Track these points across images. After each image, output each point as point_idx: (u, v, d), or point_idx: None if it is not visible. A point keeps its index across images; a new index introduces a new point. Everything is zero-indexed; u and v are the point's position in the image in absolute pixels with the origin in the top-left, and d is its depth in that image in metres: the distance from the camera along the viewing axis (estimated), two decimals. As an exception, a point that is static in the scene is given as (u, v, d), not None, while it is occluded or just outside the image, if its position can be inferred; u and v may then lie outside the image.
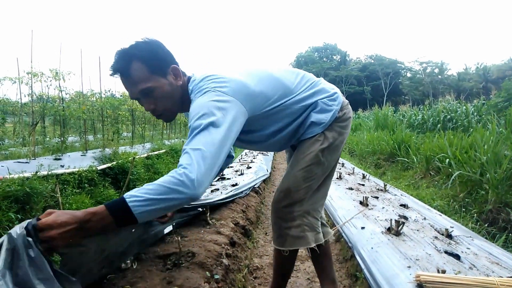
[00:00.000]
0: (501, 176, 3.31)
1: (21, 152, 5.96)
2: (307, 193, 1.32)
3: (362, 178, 4.32)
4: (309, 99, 1.34)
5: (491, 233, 2.87)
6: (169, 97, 1.21)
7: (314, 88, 1.37)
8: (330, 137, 1.33)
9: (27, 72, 6.04)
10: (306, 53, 53.72)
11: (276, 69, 1.38)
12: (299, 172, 1.32)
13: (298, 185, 1.31)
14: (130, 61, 1.13)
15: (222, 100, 1.09)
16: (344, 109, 1.39)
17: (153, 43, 1.19)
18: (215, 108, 1.06)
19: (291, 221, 1.31)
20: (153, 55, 1.16)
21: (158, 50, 1.19)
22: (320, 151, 1.31)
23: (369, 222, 2.34)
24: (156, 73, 1.16)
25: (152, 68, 1.15)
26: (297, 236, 1.30)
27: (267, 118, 1.30)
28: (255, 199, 3.35)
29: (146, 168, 6.26)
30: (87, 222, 0.92)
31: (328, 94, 1.37)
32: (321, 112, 1.33)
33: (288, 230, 1.31)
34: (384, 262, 1.66)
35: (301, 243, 1.31)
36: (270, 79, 1.30)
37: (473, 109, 8.38)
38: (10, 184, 3.20)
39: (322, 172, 1.35)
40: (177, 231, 1.85)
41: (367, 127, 12.93)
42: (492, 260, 1.71)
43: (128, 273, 1.30)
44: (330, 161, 1.36)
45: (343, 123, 1.37)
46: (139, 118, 10.94)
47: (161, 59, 1.18)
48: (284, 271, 1.47)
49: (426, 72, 42.42)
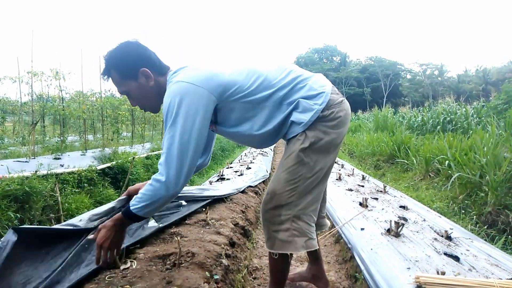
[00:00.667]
0: (500, 178, 3.32)
1: (20, 151, 5.96)
2: (292, 196, 1.27)
3: (362, 179, 4.32)
4: (291, 97, 1.30)
5: (490, 235, 2.87)
6: (144, 96, 1.35)
7: (299, 85, 1.32)
8: (311, 137, 1.27)
9: (27, 71, 6.05)
10: (306, 54, 53.80)
11: (264, 65, 1.39)
12: (283, 174, 1.29)
13: (282, 187, 1.28)
14: (109, 70, 1.30)
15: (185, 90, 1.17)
16: (333, 108, 1.30)
17: (123, 51, 1.30)
18: (178, 100, 1.16)
19: (279, 225, 1.28)
20: (123, 63, 1.29)
21: (128, 57, 1.29)
22: (301, 150, 1.27)
23: (369, 223, 2.34)
24: (127, 78, 1.30)
25: (123, 75, 1.30)
26: (285, 240, 1.27)
27: (250, 110, 1.30)
28: (254, 199, 3.35)
29: (146, 168, 6.26)
30: (116, 226, 1.26)
31: (313, 94, 1.30)
32: (302, 111, 1.29)
33: (276, 233, 1.29)
34: (384, 263, 1.66)
35: (289, 248, 1.28)
36: (249, 71, 1.32)
37: (472, 111, 8.39)
38: (10, 183, 3.21)
39: (308, 173, 1.28)
40: (177, 231, 1.85)
41: (366, 128, 12.94)
42: (492, 262, 1.71)
43: (127, 272, 1.30)
44: (316, 162, 1.29)
45: (330, 123, 1.29)
46: (139, 118, 10.95)
47: (130, 66, 1.29)
48: (278, 273, 1.43)
49: (426, 74, 42.46)
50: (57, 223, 3.57)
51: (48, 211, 3.53)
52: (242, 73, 1.31)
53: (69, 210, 3.84)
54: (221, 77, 1.24)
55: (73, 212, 3.87)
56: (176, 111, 1.15)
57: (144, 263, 1.39)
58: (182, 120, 1.15)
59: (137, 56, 1.30)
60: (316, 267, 1.73)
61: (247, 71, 1.32)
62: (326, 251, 2.38)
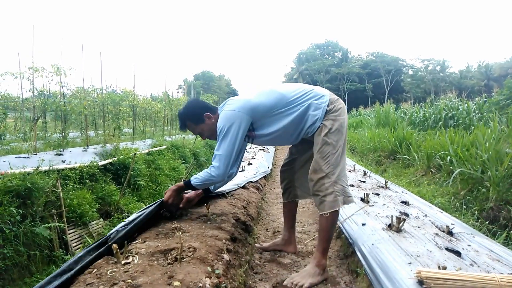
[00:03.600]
0: (502, 173, 3.31)
1: (22, 147, 5.97)
2: (328, 168, 1.78)
3: (363, 175, 4.32)
4: (304, 102, 1.87)
5: (492, 231, 2.87)
6: (209, 130, 1.96)
7: (308, 94, 1.90)
8: (328, 125, 1.82)
9: (29, 67, 6.04)
10: (308, 50, 53.41)
11: (282, 86, 2.01)
12: (317, 155, 1.81)
13: (320, 164, 1.79)
14: (185, 121, 1.98)
15: (230, 114, 1.82)
16: (333, 103, 1.87)
17: (193, 106, 1.99)
18: (227, 121, 1.80)
19: (325, 190, 1.77)
20: (195, 115, 1.94)
21: (196, 109, 1.95)
22: (325, 135, 1.81)
23: (370, 219, 2.34)
24: (198, 123, 1.95)
25: (195, 122, 1.96)
26: (332, 200, 1.76)
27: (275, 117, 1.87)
28: (256, 195, 3.35)
29: (147, 164, 6.27)
30: (177, 190, 1.94)
31: (318, 96, 1.89)
32: (315, 110, 1.85)
33: (325, 197, 1.77)
34: (385, 258, 1.66)
35: (335, 206, 1.76)
36: (271, 93, 1.91)
37: (474, 107, 8.35)
38: (12, 179, 3.22)
39: (333, 150, 1.80)
40: (179, 227, 1.85)
41: (368, 124, 12.90)
42: (493, 257, 1.71)
43: (129, 267, 1.30)
44: (336, 141, 1.81)
45: (335, 113, 1.85)
46: (140, 114, 10.95)
47: (199, 115, 1.93)
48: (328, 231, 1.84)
49: (427, 70, 42.16)
50: (59, 219, 3.59)
51: (50, 207, 3.55)
52: (265, 94, 1.90)
53: (71, 206, 3.86)
54: (251, 102, 1.85)
55: (75, 208, 3.89)
56: (227, 129, 1.79)
57: (145, 258, 1.40)
58: (229, 134, 1.79)
59: (203, 106, 1.97)
60: (289, 234, 2.23)
61: (267, 92, 1.92)
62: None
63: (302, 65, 49.00)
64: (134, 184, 5.41)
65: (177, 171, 7.07)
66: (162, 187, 6.10)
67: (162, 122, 13.10)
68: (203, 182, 1.86)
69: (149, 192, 5.73)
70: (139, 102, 10.25)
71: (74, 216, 3.86)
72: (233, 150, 1.79)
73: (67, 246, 3.57)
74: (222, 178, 1.85)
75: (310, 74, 46.93)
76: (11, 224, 2.96)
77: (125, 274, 1.25)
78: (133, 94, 9.54)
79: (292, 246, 2.23)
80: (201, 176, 1.84)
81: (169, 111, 13.20)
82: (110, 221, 4.33)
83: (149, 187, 5.84)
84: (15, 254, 2.92)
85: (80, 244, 3.71)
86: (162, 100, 12.83)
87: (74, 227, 3.88)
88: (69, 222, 3.80)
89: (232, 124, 1.78)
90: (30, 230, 3.11)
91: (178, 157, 7.93)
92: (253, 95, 1.90)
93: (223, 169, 1.80)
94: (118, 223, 3.98)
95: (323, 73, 45.45)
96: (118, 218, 4.36)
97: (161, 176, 6.36)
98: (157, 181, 6.17)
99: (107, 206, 4.58)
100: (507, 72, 30.28)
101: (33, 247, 3.13)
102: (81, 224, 3.96)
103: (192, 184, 1.86)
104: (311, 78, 46.14)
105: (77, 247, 3.65)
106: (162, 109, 12.30)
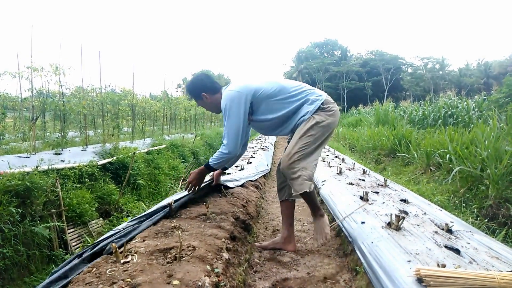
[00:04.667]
0: (501, 171, 3.31)
1: (21, 147, 5.96)
2: (302, 155, 1.95)
3: (363, 173, 4.32)
4: (302, 98, 2.06)
5: (491, 228, 2.87)
6: (207, 106, 2.26)
7: (307, 92, 2.09)
8: (317, 118, 2.00)
9: (27, 66, 6.02)
10: (307, 48, 53.30)
11: (284, 80, 2.23)
12: (298, 141, 1.96)
13: (296, 150, 1.95)
14: (188, 93, 2.30)
15: (233, 94, 2.02)
16: (329, 104, 2.05)
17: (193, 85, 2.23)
18: (230, 100, 2.00)
19: (294, 174, 1.93)
20: (194, 92, 2.22)
21: (196, 89, 2.20)
22: (311, 126, 1.98)
23: (370, 217, 2.34)
24: (197, 99, 2.24)
25: (195, 97, 2.24)
26: (300, 183, 1.92)
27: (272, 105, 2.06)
28: (255, 194, 3.35)
29: (147, 163, 6.26)
30: (200, 173, 2.28)
31: (316, 95, 2.08)
32: (310, 104, 2.04)
33: (294, 181, 1.93)
34: (384, 257, 1.66)
35: (302, 188, 1.92)
36: (271, 81, 2.11)
37: (474, 105, 8.36)
38: (11, 178, 3.21)
39: (313, 141, 1.97)
40: (178, 226, 1.85)
41: (367, 122, 12.90)
42: (492, 255, 1.71)
43: (128, 266, 1.30)
44: (318, 134, 1.98)
45: (327, 112, 2.03)
46: (139, 113, 10.93)
47: (198, 93, 2.20)
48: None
49: (427, 68, 42.09)
50: (58, 218, 3.59)
51: (49, 206, 3.54)
52: (266, 82, 2.09)
53: (70, 205, 3.85)
54: (252, 85, 2.05)
55: (74, 207, 3.88)
56: (229, 108, 1.99)
57: (145, 257, 1.40)
58: (233, 113, 1.99)
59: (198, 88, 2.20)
60: (288, 232, 2.27)
61: (269, 82, 2.10)
62: (327, 244, 2.39)
63: (302, 63, 48.89)
64: (134, 183, 5.41)
65: (177, 170, 7.06)
66: (162, 186, 6.10)
67: (162, 121, 13.08)
68: (218, 161, 2.10)
69: (148, 191, 5.73)
70: (138, 101, 10.23)
71: (73, 215, 3.86)
72: (239, 126, 1.99)
73: (66, 245, 3.57)
74: (234, 153, 2.06)
75: (309, 73, 46.82)
76: (10, 224, 2.96)
77: (124, 273, 1.25)
78: (132, 93, 9.52)
79: (291, 245, 2.25)
80: (216, 156, 2.09)
81: (168, 110, 13.19)
82: (110, 220, 4.33)
83: (148, 186, 5.83)
84: (14, 254, 2.92)
85: (80, 243, 3.71)
86: (161, 99, 12.81)
87: (74, 226, 3.88)
88: (69, 222, 3.80)
89: (234, 103, 1.98)
90: (29, 229, 3.11)
91: (177, 156, 7.93)
92: (255, 80, 2.10)
93: (232, 145, 2.01)
94: (118, 223, 3.98)
95: (323, 71, 45.36)
96: (117, 217, 4.36)
97: (161, 175, 6.36)
98: (156, 180, 6.16)
99: (107, 205, 4.58)
100: (506, 70, 30.22)
101: (32, 246, 3.13)
102: (81, 224, 3.96)
103: (210, 165, 2.14)
104: (310, 77, 46.06)
105: (77, 247, 3.64)
106: (161, 108, 12.27)
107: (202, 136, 11.86)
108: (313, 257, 2.18)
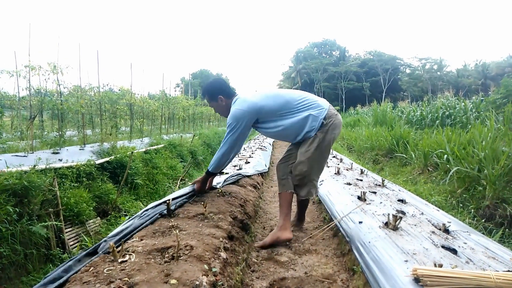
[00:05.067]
0: (498, 172, 3.33)
1: (19, 146, 5.93)
2: (310, 169, 2.27)
3: (360, 174, 4.33)
4: (306, 112, 2.27)
5: (488, 229, 2.89)
6: (220, 108, 2.49)
7: (311, 105, 2.29)
8: (320, 136, 2.25)
9: (25, 65, 5.99)
10: (305, 48, 53.28)
11: (287, 92, 2.40)
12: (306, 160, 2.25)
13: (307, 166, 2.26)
14: (204, 94, 2.54)
15: (239, 113, 2.26)
16: (330, 118, 2.27)
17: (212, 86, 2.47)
18: (235, 119, 2.25)
19: (305, 185, 2.32)
20: (212, 93, 2.46)
21: (214, 89, 2.45)
22: (318, 145, 2.25)
23: (367, 217, 2.34)
24: (212, 100, 2.48)
25: (210, 98, 2.48)
26: (309, 191, 2.34)
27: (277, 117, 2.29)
28: (253, 193, 3.35)
29: (145, 162, 6.24)
30: (203, 180, 2.61)
31: (318, 109, 2.28)
32: (313, 121, 2.25)
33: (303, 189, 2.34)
34: (382, 256, 1.67)
35: (310, 195, 2.36)
36: (276, 97, 2.33)
37: (471, 106, 8.38)
38: (8, 177, 3.19)
39: (319, 156, 2.28)
40: (176, 225, 1.85)
41: (365, 123, 12.92)
42: (489, 255, 1.72)
43: (126, 265, 1.30)
44: (324, 150, 2.29)
45: (329, 127, 2.26)
46: (138, 112, 10.90)
47: (215, 94, 2.44)
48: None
49: (425, 69, 42.19)
50: (56, 217, 3.58)
51: (47, 206, 3.53)
52: (272, 98, 2.32)
53: (68, 204, 3.84)
54: (258, 104, 2.27)
55: (72, 207, 3.87)
56: (235, 124, 2.25)
57: (142, 256, 1.40)
58: (236, 130, 2.26)
59: (217, 89, 2.44)
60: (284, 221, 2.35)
61: (274, 97, 2.33)
62: (324, 244, 2.39)
63: (300, 63, 48.90)
64: (132, 183, 5.39)
65: (175, 169, 7.05)
66: (160, 185, 6.08)
67: (160, 121, 13.05)
68: (215, 165, 2.41)
69: (146, 191, 5.71)
70: (137, 100, 10.20)
71: (71, 214, 3.84)
72: (237, 141, 2.31)
73: (64, 244, 3.56)
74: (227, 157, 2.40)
75: (307, 73, 46.86)
76: (7, 223, 2.94)
77: (122, 272, 1.25)
78: (130, 92, 9.49)
79: (287, 232, 2.31)
80: (212, 161, 2.42)
81: (167, 110, 13.16)
82: (108, 219, 4.32)
83: (146, 185, 5.82)
84: (11, 253, 2.91)
85: (77, 242, 3.70)
86: (159, 99, 12.78)
87: (71, 225, 3.87)
88: (66, 221, 3.78)
89: (238, 122, 2.25)
90: (27, 228, 3.10)
91: (175, 155, 7.91)
92: (261, 98, 2.31)
93: (227, 152, 2.35)
94: (115, 222, 3.97)
95: (321, 71, 45.39)
96: (115, 216, 4.35)
97: (159, 175, 6.34)
98: (154, 180, 6.15)
99: (104, 204, 4.56)
100: (504, 71, 30.36)
101: (30, 245, 3.12)
102: (78, 223, 3.95)
103: (210, 171, 2.47)
104: (309, 77, 46.10)
105: (74, 246, 3.63)
106: (160, 108, 12.25)
107: (201, 135, 11.84)
108: (311, 256, 2.18)
